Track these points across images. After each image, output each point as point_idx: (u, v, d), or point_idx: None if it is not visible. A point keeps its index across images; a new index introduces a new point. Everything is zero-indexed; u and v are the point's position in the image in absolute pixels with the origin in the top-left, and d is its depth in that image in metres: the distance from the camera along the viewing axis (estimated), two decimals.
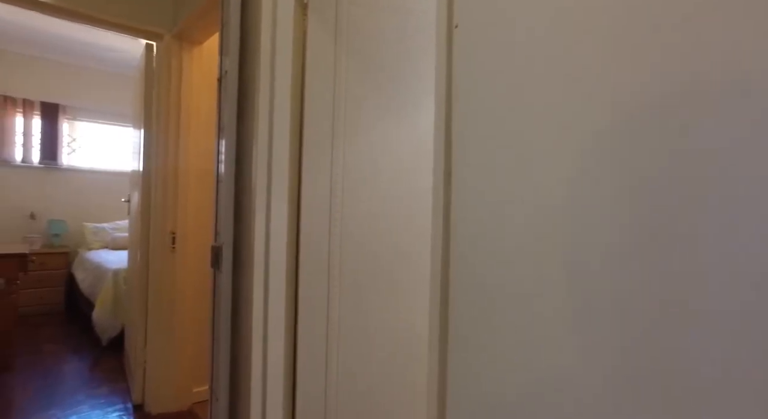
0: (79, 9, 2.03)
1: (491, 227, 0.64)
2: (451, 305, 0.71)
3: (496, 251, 0.63)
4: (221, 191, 1.46)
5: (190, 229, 2.24)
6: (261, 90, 1.35)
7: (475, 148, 0.68)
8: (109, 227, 4.55)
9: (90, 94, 4.70)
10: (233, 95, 1.44)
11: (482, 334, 0.64)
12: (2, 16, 3.64)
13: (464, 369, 0.66)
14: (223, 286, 1.44)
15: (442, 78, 0.76)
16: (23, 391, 2.56)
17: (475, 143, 0.68)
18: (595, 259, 0.50)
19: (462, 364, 0.67)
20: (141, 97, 2.40)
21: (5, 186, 4.28)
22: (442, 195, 0.75)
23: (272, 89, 1.35)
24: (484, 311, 0.64)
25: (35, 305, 4.14)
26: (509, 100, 0.63)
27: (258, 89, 1.36)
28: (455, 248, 0.71)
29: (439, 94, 0.76)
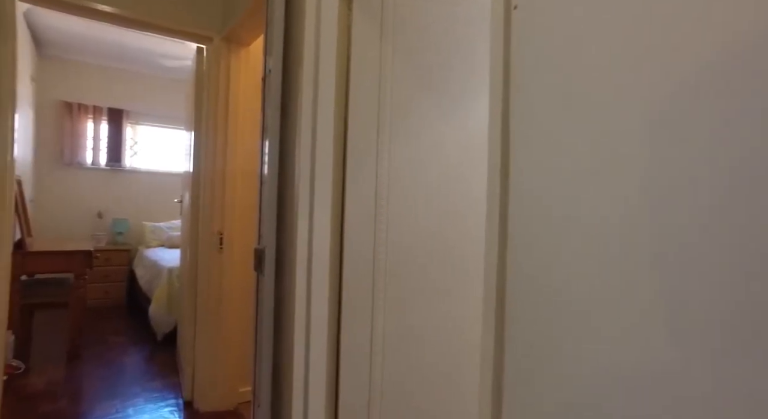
0: (137, 16, 2.08)
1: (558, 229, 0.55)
2: (508, 313, 0.62)
3: (564, 254, 0.53)
4: (264, 193, 1.43)
5: (237, 230, 2.25)
6: (304, 89, 1.30)
7: (537, 144, 0.58)
8: (165, 226, 4.74)
9: (150, 99, 4.93)
10: (277, 95, 1.41)
11: (549, 344, 0.55)
12: (75, 31, 3.88)
13: (524, 378, 0.58)
14: (266, 290, 1.41)
15: (498, 67, 0.66)
16: (90, 379, 2.70)
17: (537, 139, 0.59)
18: (693, 258, 0.40)
19: (522, 374, 0.58)
20: (192, 100, 2.45)
21: (77, 187, 4.57)
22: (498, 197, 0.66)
23: (316, 88, 1.30)
24: (551, 319, 0.55)
25: (101, 299, 4.39)
26: (579, 87, 0.53)
27: (301, 88, 1.31)
28: (513, 253, 0.62)
29: (494, 87, 0.67)
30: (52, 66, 4.46)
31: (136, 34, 3.98)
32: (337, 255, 1.37)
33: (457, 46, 1.27)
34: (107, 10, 2.02)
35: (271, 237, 1.41)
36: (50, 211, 4.43)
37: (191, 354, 2.31)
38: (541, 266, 0.57)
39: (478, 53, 1.18)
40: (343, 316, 1.36)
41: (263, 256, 1.40)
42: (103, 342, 3.41)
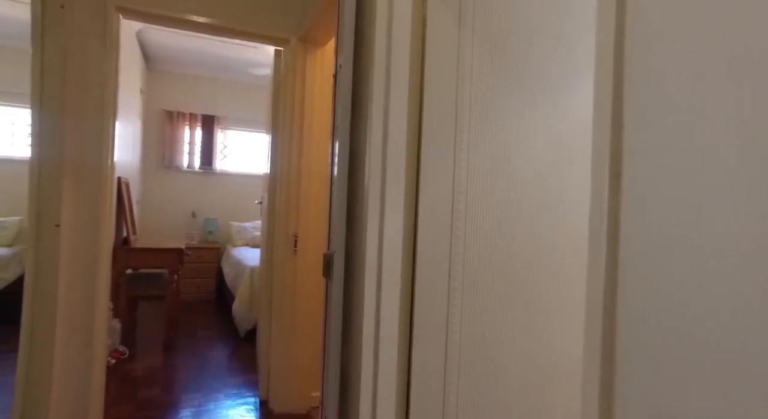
0: (223, 23, 2.16)
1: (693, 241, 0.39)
2: (620, 343, 0.47)
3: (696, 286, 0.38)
4: (334, 195, 1.37)
5: (312, 233, 2.24)
6: (375, 84, 1.22)
7: (663, 135, 0.43)
8: (250, 226, 4.98)
9: (238, 105, 5.22)
10: (347, 91, 1.34)
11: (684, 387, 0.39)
12: (177, 46, 4.21)
13: None
14: (334, 297, 1.34)
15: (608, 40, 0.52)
16: (180, 370, 2.87)
17: (663, 128, 0.43)
18: None
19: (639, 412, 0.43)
20: (271, 103, 2.49)
21: (174, 188, 4.96)
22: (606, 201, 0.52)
23: (388, 83, 1.21)
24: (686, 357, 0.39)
25: (193, 294, 4.71)
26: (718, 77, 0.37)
27: (372, 83, 1.23)
28: (626, 267, 0.47)
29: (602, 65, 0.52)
30: (158, 79, 4.89)
31: (226, 45, 4.22)
32: (410, 262, 1.27)
33: (548, 26, 1.11)
34: (200, 20, 2.11)
35: (340, 242, 1.34)
36: (153, 211, 4.85)
37: (267, 354, 2.34)
38: (666, 298, 0.42)
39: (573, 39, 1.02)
40: (416, 328, 1.26)
41: (332, 261, 1.34)
42: (193, 335, 3.63)
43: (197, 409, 2.34)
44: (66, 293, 1.91)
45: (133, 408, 2.34)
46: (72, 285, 1.93)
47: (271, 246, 2.35)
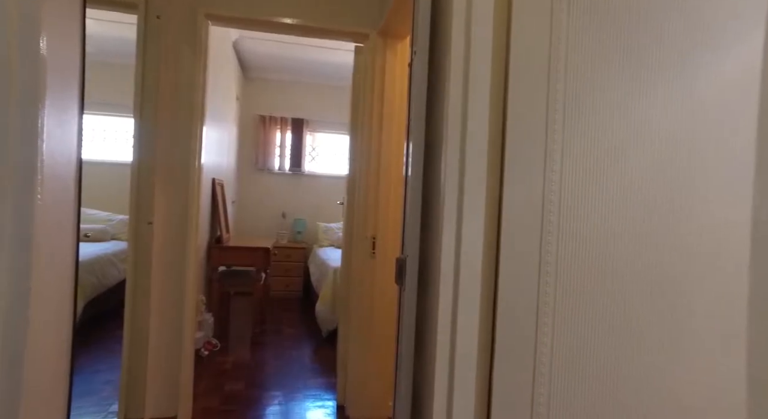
0: (305, 23, 2.16)
1: None
2: None
3: None
4: (408, 196, 1.25)
5: (390, 236, 2.15)
6: (452, 66, 1.08)
7: None
8: (335, 227, 5.05)
9: (326, 108, 5.34)
10: (422, 81, 1.22)
11: None
12: (270, 53, 4.41)
13: None
14: (407, 306, 1.23)
15: None
16: (265, 367, 2.95)
17: None
18: None
19: None
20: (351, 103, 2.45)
21: (266, 190, 5.21)
22: None
23: (467, 66, 1.07)
24: None
25: (282, 291, 4.89)
26: None
27: (449, 68, 1.09)
28: None
29: None
30: (252, 86, 5.17)
31: (314, 49, 4.32)
32: (492, 271, 1.11)
33: None
34: (283, 21, 2.14)
35: (414, 246, 1.22)
36: (247, 210, 5.13)
37: (345, 358, 2.29)
38: None
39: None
40: (498, 348, 1.09)
41: (404, 267, 1.23)
42: (279, 332, 3.74)
43: (278, 408, 2.36)
44: (158, 286, 2.03)
45: (219, 400, 2.42)
46: (164, 279, 2.04)
47: (349, 248, 2.30)
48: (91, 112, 4.31)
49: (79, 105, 1.25)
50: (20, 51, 0.95)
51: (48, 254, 1.08)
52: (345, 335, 2.35)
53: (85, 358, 2.82)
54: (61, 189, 1.15)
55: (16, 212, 0.97)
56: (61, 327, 1.21)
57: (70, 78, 1.20)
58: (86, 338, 3.14)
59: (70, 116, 1.20)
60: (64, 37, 1.14)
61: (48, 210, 1.05)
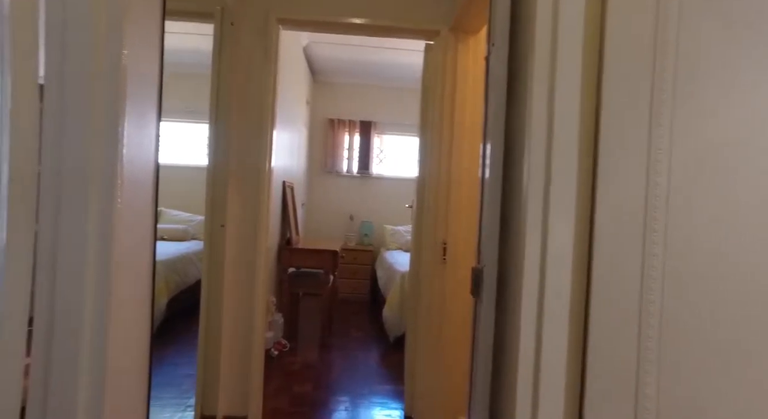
0: (375, 22, 2.12)
1: None
2: None
3: None
4: (485, 201, 1.15)
5: (462, 240, 2.04)
6: (537, 58, 0.96)
7: None
8: (403, 230, 4.99)
9: (394, 110, 5.31)
10: (501, 74, 1.11)
11: None
12: (339, 56, 4.47)
13: None
14: (483, 321, 1.12)
15: None
16: (332, 370, 2.95)
17: None
18: None
19: None
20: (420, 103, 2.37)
21: (335, 192, 5.28)
22: None
23: (553, 55, 0.95)
24: None
25: (350, 294, 4.91)
26: None
27: (532, 58, 0.98)
28: None
29: None
30: (321, 89, 5.27)
31: (381, 51, 4.30)
32: (582, 285, 0.97)
33: None
34: (352, 21, 2.11)
35: (492, 255, 1.11)
36: (316, 213, 5.23)
37: (413, 367, 2.21)
38: None
39: None
40: (589, 377, 0.96)
41: (481, 277, 1.12)
42: (346, 334, 3.75)
43: (345, 413, 2.33)
44: (231, 287, 2.07)
45: (288, 401, 2.44)
46: (236, 280, 2.09)
47: (418, 253, 2.22)
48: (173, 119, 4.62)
49: (156, 112, 1.29)
50: (105, 64, 0.99)
51: (127, 253, 1.11)
52: (413, 343, 2.27)
53: (168, 351, 2.99)
54: (139, 192, 1.18)
55: (98, 215, 1.00)
56: (139, 322, 1.24)
57: (149, 87, 1.23)
58: (169, 332, 3.34)
59: (148, 122, 1.24)
60: (145, 49, 1.18)
61: (127, 212, 1.08)
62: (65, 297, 0.97)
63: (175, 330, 3.42)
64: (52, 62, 0.99)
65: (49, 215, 0.96)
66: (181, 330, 3.43)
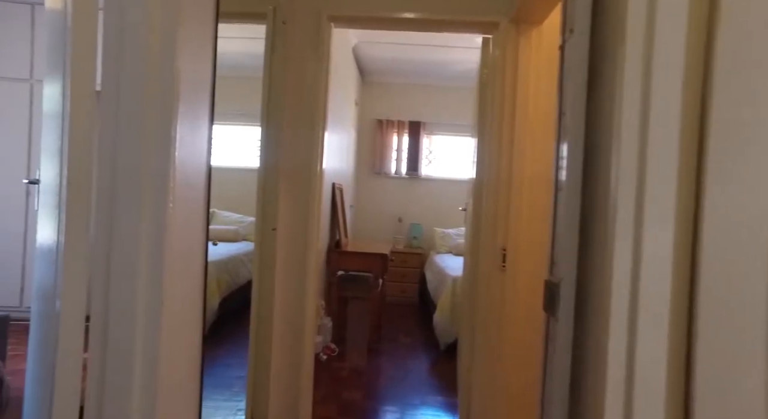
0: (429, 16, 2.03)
1: None
2: None
3: None
4: (560, 205, 1.02)
5: (523, 246, 1.89)
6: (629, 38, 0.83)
7: None
8: (454, 233, 4.85)
9: (444, 110, 5.18)
10: (581, 62, 0.98)
11: None
12: (389, 56, 4.41)
13: None
14: (560, 340, 0.99)
15: None
16: (381, 377, 2.87)
17: None
18: None
19: None
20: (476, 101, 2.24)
21: (383, 194, 5.22)
22: None
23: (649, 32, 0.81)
24: None
25: (398, 296, 4.83)
26: None
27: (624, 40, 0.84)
28: None
29: None
30: (370, 90, 5.23)
31: (433, 49, 4.19)
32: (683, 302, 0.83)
33: None
34: (405, 16, 2.02)
35: (570, 267, 0.98)
36: (365, 215, 5.19)
37: (468, 379, 2.09)
38: None
39: None
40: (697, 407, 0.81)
41: (557, 293, 0.99)
42: (395, 340, 3.66)
43: None
44: (281, 290, 2.04)
45: (337, 408, 2.39)
46: (286, 283, 2.05)
47: (475, 259, 2.10)
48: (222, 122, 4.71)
49: (209, 115, 1.27)
50: (159, 68, 0.98)
51: (179, 255, 1.09)
52: (467, 353, 2.15)
53: (220, 351, 3.02)
54: (191, 195, 1.17)
55: (151, 217, 0.99)
56: (191, 324, 1.23)
57: (202, 90, 1.23)
58: (221, 332, 3.39)
59: (201, 125, 1.22)
60: (198, 52, 1.17)
61: (179, 214, 1.06)
62: (119, 299, 0.96)
63: (226, 330, 3.46)
64: (108, 68, 1.00)
65: (104, 218, 0.97)
66: (232, 330, 3.48)
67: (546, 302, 1.06)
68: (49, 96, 1.10)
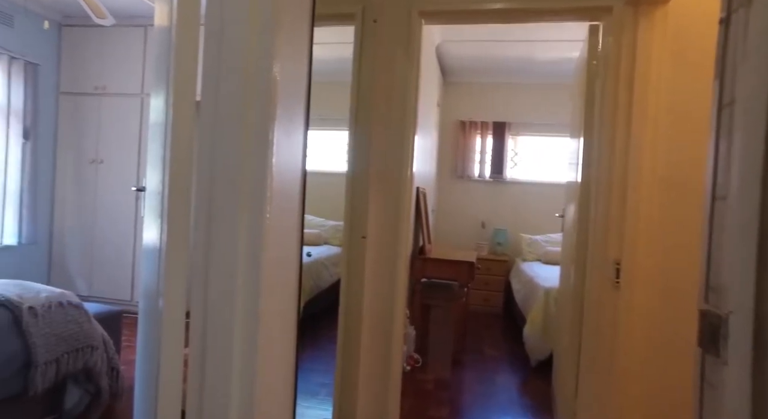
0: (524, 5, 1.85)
1: None
2: None
3: None
4: (730, 217, 0.82)
5: (643, 261, 1.65)
6: None
7: None
8: (541, 240, 4.53)
9: (531, 109, 4.87)
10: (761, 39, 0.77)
11: None
12: (473, 55, 4.23)
13: None
14: (731, 388, 0.79)
15: None
16: (468, 392, 2.71)
17: None
18: None
19: None
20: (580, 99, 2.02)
21: (465, 198, 5.03)
22: None
23: None
24: None
25: (481, 305, 4.61)
26: None
27: None
28: None
29: None
30: (452, 91, 5.07)
31: (519, 45, 3.95)
32: None
33: None
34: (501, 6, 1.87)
35: (746, 297, 0.77)
36: (446, 220, 5.02)
37: (571, 405, 1.87)
38: None
39: None
40: None
41: (725, 329, 0.79)
42: (480, 352, 3.47)
43: None
44: (370, 298, 1.97)
45: None
46: (375, 292, 1.97)
47: (580, 272, 1.87)
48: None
49: (304, 119, 1.24)
50: (257, 75, 0.99)
51: (275, 264, 1.08)
52: (568, 374, 1.92)
53: (303, 356, 3.03)
54: (287, 199, 1.15)
55: (249, 221, 0.99)
56: (286, 331, 1.25)
57: (298, 94, 1.21)
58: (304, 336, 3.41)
59: (296, 130, 1.19)
60: (294, 56, 1.15)
61: (275, 218, 1.04)
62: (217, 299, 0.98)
63: (309, 334, 3.49)
64: (208, 77, 1.02)
65: (202, 222, 0.99)
66: (315, 335, 3.50)
67: (704, 337, 0.86)
68: (155, 107, 1.13)
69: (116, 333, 2.29)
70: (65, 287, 3.73)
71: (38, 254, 3.85)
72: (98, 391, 2.03)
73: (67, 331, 1.91)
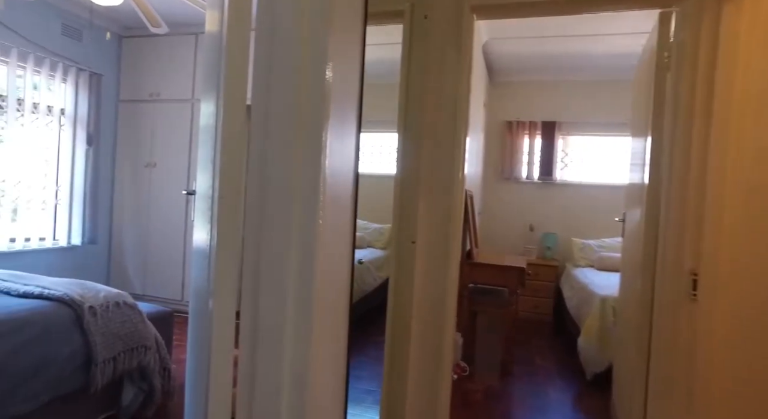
0: None
1: None
2: None
3: None
4: None
5: (724, 270, 1.48)
6: None
7: None
8: (594, 245, 4.30)
9: (583, 108, 4.65)
10: None
11: None
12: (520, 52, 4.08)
13: None
14: None
15: None
16: (519, 406, 2.58)
17: None
18: None
19: None
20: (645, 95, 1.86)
21: (513, 200, 4.86)
22: None
23: None
24: None
25: (530, 312, 4.43)
26: None
27: None
28: None
29: None
30: (499, 90, 4.92)
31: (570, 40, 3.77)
32: None
33: None
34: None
35: None
36: (492, 223, 4.87)
37: None
38: None
39: None
40: None
41: None
42: (530, 362, 3.31)
43: None
44: (418, 304, 1.90)
45: None
46: (424, 298, 1.91)
47: (648, 282, 1.73)
48: None
49: (357, 122, 1.20)
50: (309, 77, 0.96)
51: (327, 269, 1.05)
52: (635, 398, 1.77)
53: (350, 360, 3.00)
54: (339, 205, 1.13)
55: (300, 230, 0.97)
56: (338, 336, 1.28)
57: (350, 97, 1.18)
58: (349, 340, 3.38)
59: (349, 134, 1.14)
60: (346, 61, 1.12)
61: (328, 226, 1.02)
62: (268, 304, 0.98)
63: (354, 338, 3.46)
64: (259, 80, 0.99)
65: (254, 225, 0.99)
66: (359, 339, 3.46)
67: None
68: (205, 112, 1.12)
69: (168, 333, 2.34)
70: (122, 285, 3.93)
71: (99, 254, 4.04)
72: (152, 389, 2.07)
73: (123, 330, 1.96)
